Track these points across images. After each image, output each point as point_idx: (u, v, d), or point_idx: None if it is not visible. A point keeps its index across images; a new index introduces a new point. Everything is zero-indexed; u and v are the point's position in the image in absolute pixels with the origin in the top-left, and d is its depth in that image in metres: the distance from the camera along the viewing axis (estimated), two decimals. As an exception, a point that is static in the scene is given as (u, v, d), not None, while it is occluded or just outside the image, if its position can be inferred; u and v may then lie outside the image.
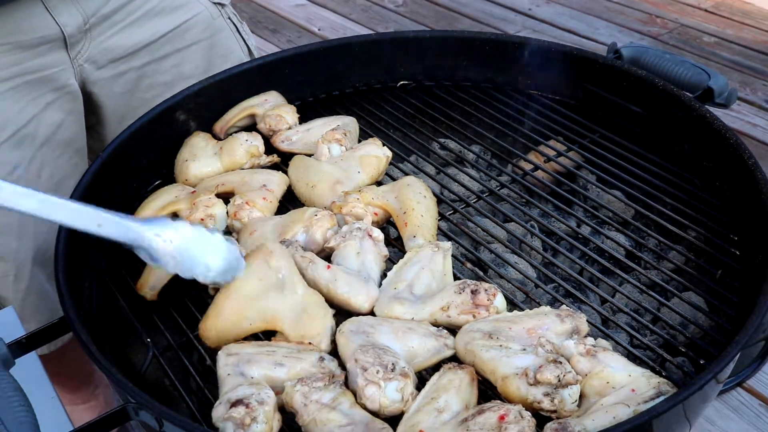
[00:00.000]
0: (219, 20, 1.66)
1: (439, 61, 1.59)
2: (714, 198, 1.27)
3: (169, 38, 1.59)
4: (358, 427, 0.92)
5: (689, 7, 4.34)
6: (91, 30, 1.46)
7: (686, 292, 1.17)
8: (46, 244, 1.45)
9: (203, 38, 1.64)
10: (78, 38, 1.45)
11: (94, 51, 1.49)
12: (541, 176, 1.40)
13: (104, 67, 1.52)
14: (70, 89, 1.47)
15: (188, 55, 1.62)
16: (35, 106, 1.42)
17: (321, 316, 1.06)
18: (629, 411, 0.90)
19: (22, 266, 1.45)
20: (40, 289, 1.49)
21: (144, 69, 1.58)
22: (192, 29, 1.61)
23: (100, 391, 1.97)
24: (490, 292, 1.07)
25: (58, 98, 1.46)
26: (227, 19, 1.69)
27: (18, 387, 0.89)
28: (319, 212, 1.22)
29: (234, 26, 1.70)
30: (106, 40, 1.50)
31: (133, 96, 1.59)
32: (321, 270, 1.13)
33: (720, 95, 1.35)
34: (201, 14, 1.62)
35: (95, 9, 1.45)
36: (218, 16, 1.66)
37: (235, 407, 0.92)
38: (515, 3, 4.49)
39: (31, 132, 1.42)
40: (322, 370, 1.00)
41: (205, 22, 1.63)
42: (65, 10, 1.41)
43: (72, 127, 1.50)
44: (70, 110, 1.49)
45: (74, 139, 1.51)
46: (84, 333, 1.01)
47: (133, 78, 1.57)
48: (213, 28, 1.65)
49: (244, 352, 1.02)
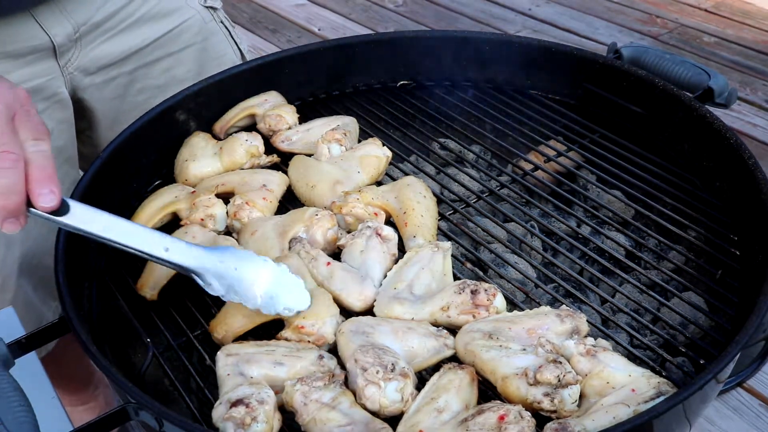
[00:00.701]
0: (211, 24, 1.66)
1: (439, 61, 1.59)
2: (714, 198, 1.27)
3: (160, 43, 1.58)
4: (358, 426, 0.92)
5: (689, 7, 4.34)
6: (81, 39, 1.46)
7: (686, 292, 1.17)
8: (32, 252, 1.44)
9: (195, 42, 1.63)
10: (68, 47, 1.44)
11: (84, 59, 1.48)
12: (541, 176, 1.40)
13: (94, 74, 1.51)
14: (60, 98, 1.46)
15: (180, 58, 1.62)
16: None
17: (327, 305, 1.07)
18: (629, 411, 0.90)
19: (8, 276, 1.43)
20: (26, 299, 1.48)
21: (135, 74, 1.57)
22: (184, 33, 1.61)
23: (99, 392, 1.97)
24: (490, 292, 1.07)
25: (49, 107, 1.44)
26: (219, 23, 1.68)
27: (18, 387, 0.89)
28: (319, 212, 1.22)
29: (227, 30, 1.70)
30: (96, 47, 1.49)
31: (124, 100, 1.58)
32: (320, 267, 1.13)
33: (720, 95, 1.35)
34: (193, 18, 1.62)
35: (85, 18, 1.44)
36: (210, 20, 1.66)
37: (236, 407, 0.92)
38: (515, 3, 4.49)
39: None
40: (321, 368, 1.00)
41: (197, 26, 1.63)
42: (55, 21, 1.40)
43: (63, 136, 1.50)
44: (61, 119, 1.48)
45: (65, 148, 1.51)
46: (84, 333, 1.01)
47: (124, 83, 1.57)
48: (205, 31, 1.65)
49: (244, 352, 1.02)
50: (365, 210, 1.23)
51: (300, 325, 1.04)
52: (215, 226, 1.24)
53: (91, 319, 1.16)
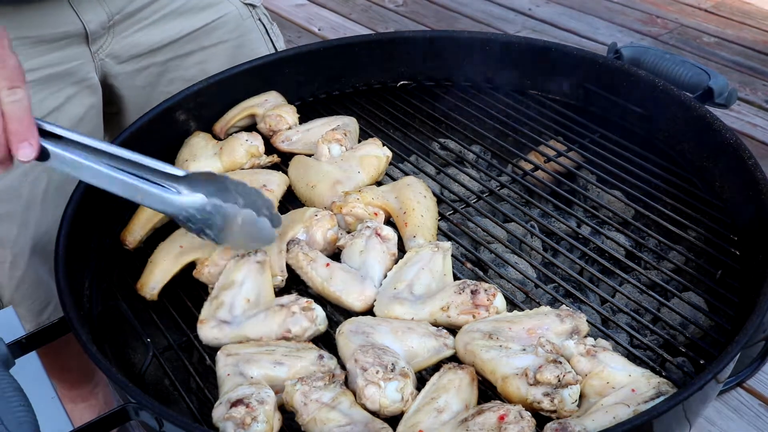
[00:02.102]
0: (249, 21, 1.66)
1: (439, 61, 1.59)
2: (714, 198, 1.27)
3: (194, 36, 1.58)
4: (358, 426, 0.92)
5: (689, 7, 4.34)
6: (114, 27, 1.46)
7: (686, 292, 1.17)
8: (48, 235, 1.44)
9: (231, 38, 1.63)
10: (100, 34, 1.45)
11: (116, 47, 1.49)
12: (541, 176, 1.40)
13: (126, 62, 1.52)
14: (90, 83, 1.47)
15: (214, 53, 1.62)
16: (55, 99, 1.42)
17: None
18: (629, 411, 0.90)
19: (20, 254, 1.45)
20: (37, 278, 1.49)
21: (167, 64, 1.57)
22: (220, 29, 1.61)
23: (99, 390, 1.97)
24: (490, 293, 1.07)
25: (79, 92, 1.45)
26: (257, 20, 1.68)
27: (18, 387, 0.89)
28: (319, 212, 1.22)
29: (264, 27, 1.70)
30: (129, 36, 1.49)
31: (155, 90, 1.58)
32: (319, 268, 1.13)
33: (720, 95, 1.35)
34: (230, 14, 1.62)
35: (120, 7, 1.45)
36: (248, 16, 1.66)
37: (236, 407, 0.92)
38: (515, 3, 4.49)
39: None
40: (322, 368, 1.00)
41: (234, 22, 1.62)
42: (90, 8, 1.41)
43: (92, 122, 1.51)
44: (91, 105, 1.49)
45: (93, 134, 1.50)
46: (84, 333, 1.01)
47: (155, 72, 1.57)
48: (242, 28, 1.64)
49: (244, 352, 1.02)
50: (365, 210, 1.23)
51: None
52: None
53: (91, 319, 1.16)
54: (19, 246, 1.45)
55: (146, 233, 1.26)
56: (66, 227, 1.17)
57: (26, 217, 1.43)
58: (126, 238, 1.26)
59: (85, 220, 1.21)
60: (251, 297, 1.10)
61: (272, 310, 1.07)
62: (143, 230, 1.26)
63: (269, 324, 1.06)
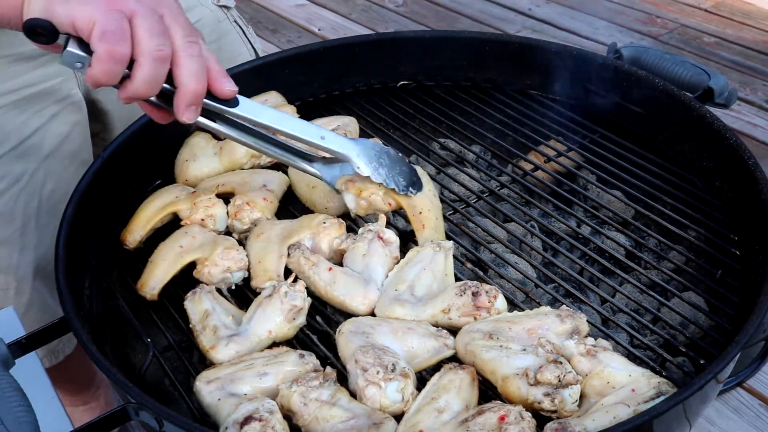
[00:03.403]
0: (225, 23, 1.65)
1: (439, 61, 1.59)
2: (714, 198, 1.27)
3: None
4: (361, 419, 0.92)
5: (689, 7, 4.34)
6: None
7: (686, 292, 1.17)
8: (46, 256, 1.44)
9: (209, 41, 1.61)
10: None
11: None
12: (541, 176, 1.40)
13: None
14: (74, 99, 1.46)
15: None
16: (39, 118, 1.40)
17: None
18: (629, 411, 0.90)
19: (24, 279, 1.44)
20: (43, 302, 1.48)
21: None
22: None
23: (100, 392, 1.97)
24: (491, 294, 1.07)
25: (63, 110, 1.44)
26: (233, 23, 1.67)
27: (18, 387, 0.89)
28: (327, 220, 1.21)
29: (240, 29, 1.69)
30: None
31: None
32: (322, 272, 1.13)
33: (720, 95, 1.35)
34: (206, 18, 1.61)
35: None
36: (224, 19, 1.65)
37: (248, 424, 0.90)
38: (515, 3, 4.49)
39: (37, 143, 1.41)
40: (306, 366, 1.00)
41: (210, 26, 1.62)
42: None
43: (78, 139, 1.49)
44: (76, 122, 1.47)
45: (79, 151, 1.50)
46: (84, 333, 1.01)
47: None
48: (219, 31, 1.64)
49: (224, 374, 1.01)
50: (383, 200, 1.20)
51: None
52: (215, 226, 1.24)
53: (91, 319, 1.16)
54: (21, 271, 1.43)
55: (146, 233, 1.26)
56: (66, 227, 1.17)
57: (24, 241, 1.42)
58: (126, 238, 1.26)
59: (85, 220, 1.21)
60: (232, 314, 1.11)
61: (264, 303, 1.08)
62: (143, 230, 1.26)
63: (273, 312, 1.06)
